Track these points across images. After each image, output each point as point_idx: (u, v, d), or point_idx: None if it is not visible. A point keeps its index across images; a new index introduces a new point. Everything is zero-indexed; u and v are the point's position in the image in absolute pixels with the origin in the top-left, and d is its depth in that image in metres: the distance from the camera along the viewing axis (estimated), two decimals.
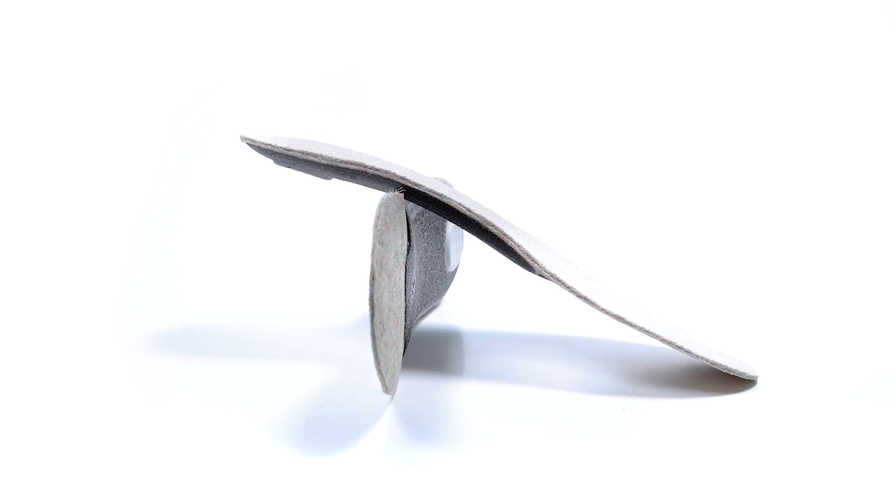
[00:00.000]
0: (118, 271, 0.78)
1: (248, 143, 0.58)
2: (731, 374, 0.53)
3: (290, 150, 0.56)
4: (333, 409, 0.51)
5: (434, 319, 0.67)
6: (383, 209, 0.49)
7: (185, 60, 0.93)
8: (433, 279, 0.65)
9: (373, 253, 0.47)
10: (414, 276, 0.57)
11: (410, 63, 0.99)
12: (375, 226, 0.48)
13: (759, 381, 0.54)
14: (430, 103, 0.98)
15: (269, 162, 0.59)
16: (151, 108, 0.91)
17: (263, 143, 0.57)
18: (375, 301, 0.46)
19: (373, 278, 0.46)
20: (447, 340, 0.64)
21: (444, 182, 0.66)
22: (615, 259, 0.81)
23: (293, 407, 0.51)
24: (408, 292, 0.55)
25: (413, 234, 0.57)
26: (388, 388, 0.49)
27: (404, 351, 0.57)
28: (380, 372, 0.48)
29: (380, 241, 0.48)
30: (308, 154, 0.56)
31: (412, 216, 0.58)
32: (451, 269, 0.69)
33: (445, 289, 0.69)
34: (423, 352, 0.60)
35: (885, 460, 0.45)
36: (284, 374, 0.56)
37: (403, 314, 0.53)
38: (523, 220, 0.63)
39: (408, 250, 0.55)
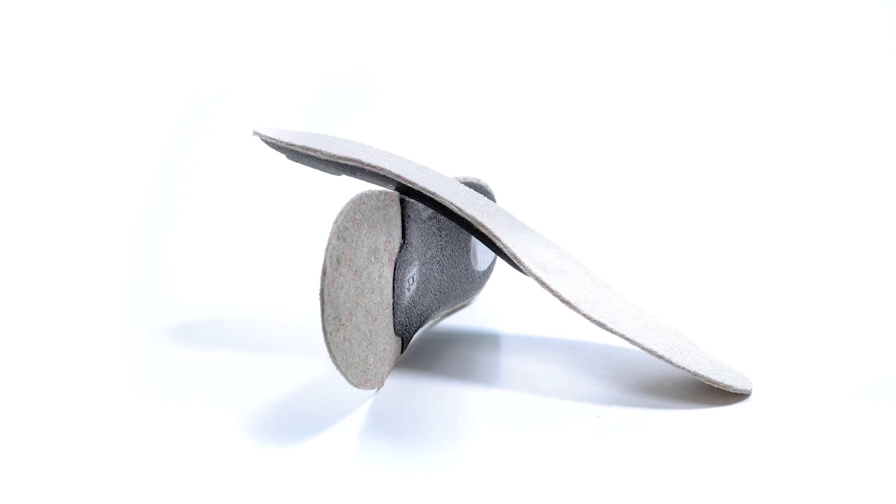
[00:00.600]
0: (119, 267, 0.79)
1: (260, 138, 0.59)
2: (717, 387, 0.50)
3: (291, 144, 0.57)
4: (313, 402, 0.52)
5: (458, 319, 0.67)
6: (351, 205, 0.49)
7: (186, 59, 0.93)
8: (454, 278, 0.65)
9: (327, 248, 0.47)
10: (413, 273, 0.57)
11: (413, 58, 0.98)
12: (336, 221, 0.48)
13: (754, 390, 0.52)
14: (434, 99, 0.97)
15: (271, 160, 0.61)
16: (153, 106, 0.91)
17: (268, 137, 0.58)
18: (326, 296, 0.47)
19: (324, 273, 0.47)
20: (459, 339, 0.63)
21: (479, 183, 0.66)
22: (621, 260, 0.80)
23: (273, 399, 0.53)
24: (398, 289, 0.55)
25: (419, 231, 0.57)
26: (356, 383, 0.50)
27: (403, 347, 0.57)
28: (338, 367, 0.48)
29: (340, 237, 0.48)
30: (308, 149, 0.56)
31: (424, 215, 0.58)
32: (481, 268, 0.68)
33: (475, 288, 0.69)
34: (429, 349, 0.61)
35: (877, 467, 0.42)
36: (277, 368, 0.57)
37: (388, 310, 0.53)
38: (530, 216, 0.62)
39: (401, 247, 0.55)
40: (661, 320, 0.56)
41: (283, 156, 0.60)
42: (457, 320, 0.67)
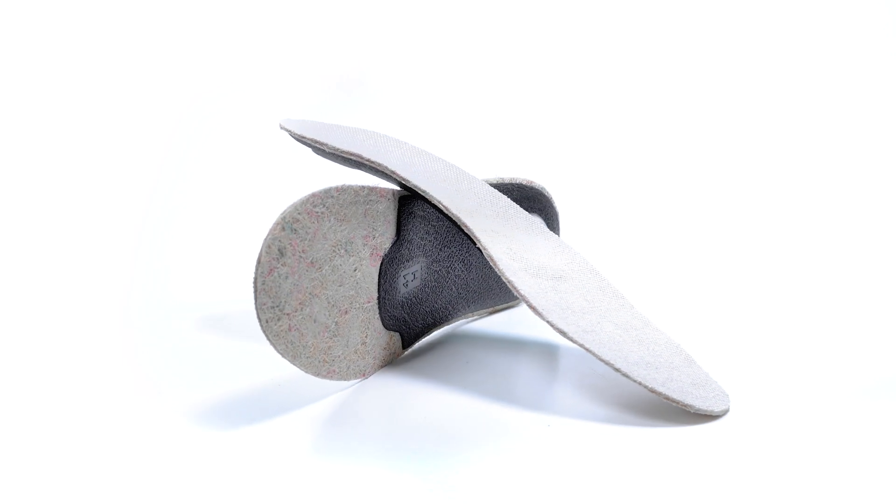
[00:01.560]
0: (119, 267, 0.79)
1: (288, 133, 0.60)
2: (675, 405, 0.48)
3: (303, 136, 0.58)
4: (286, 389, 0.54)
5: (490, 322, 0.67)
6: (310, 198, 0.49)
7: (187, 59, 0.93)
8: (487, 278, 0.64)
9: (265, 238, 0.48)
10: (415, 270, 0.57)
11: (413, 58, 0.97)
12: (282, 213, 0.48)
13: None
14: (434, 99, 0.95)
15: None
16: (154, 106, 0.91)
17: (287, 129, 0.58)
18: (261, 285, 0.47)
19: (258, 262, 0.47)
20: (474, 339, 0.63)
21: (529, 185, 0.65)
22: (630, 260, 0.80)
23: (253, 388, 0.54)
24: (387, 284, 0.55)
25: (428, 228, 0.57)
26: (314, 373, 0.51)
27: (406, 343, 0.58)
28: (282, 355, 0.49)
29: (287, 228, 0.48)
30: (316, 142, 0.57)
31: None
32: None
33: None
34: (437, 347, 0.61)
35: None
36: (272, 360, 0.57)
37: (370, 305, 0.54)
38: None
39: (394, 243, 0.55)
40: (663, 335, 0.53)
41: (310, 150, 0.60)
42: (488, 320, 0.67)
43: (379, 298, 0.55)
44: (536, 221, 0.60)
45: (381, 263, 0.54)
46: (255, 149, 0.89)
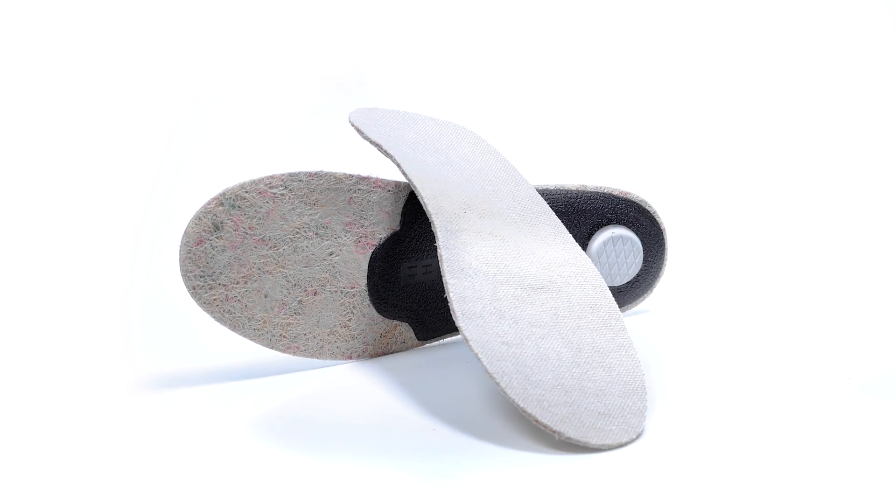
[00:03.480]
0: (119, 267, 0.79)
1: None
2: (545, 429, 0.44)
3: (352, 123, 0.57)
4: (266, 369, 0.55)
5: None
6: (267, 178, 0.50)
7: (186, 59, 0.93)
8: None
9: (198, 211, 0.49)
10: (428, 263, 0.57)
11: (413, 58, 0.97)
12: (224, 189, 0.49)
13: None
14: (434, 99, 0.95)
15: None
16: (153, 106, 0.91)
17: (349, 120, 0.58)
18: (187, 253, 0.49)
19: (185, 232, 0.49)
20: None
21: (626, 197, 0.61)
22: None
23: (246, 383, 0.54)
24: (383, 274, 0.55)
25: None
26: (267, 345, 0.52)
27: (420, 334, 0.58)
28: (219, 323, 0.50)
29: (227, 203, 0.50)
30: (359, 130, 0.57)
31: None
32: (615, 282, 0.62)
33: None
34: (434, 346, 0.61)
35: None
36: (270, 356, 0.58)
37: (355, 290, 0.54)
38: None
39: (393, 235, 0.55)
40: (629, 363, 0.49)
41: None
42: None
43: (369, 286, 0.55)
44: (562, 229, 0.57)
45: (373, 252, 0.54)
46: (255, 149, 0.89)
